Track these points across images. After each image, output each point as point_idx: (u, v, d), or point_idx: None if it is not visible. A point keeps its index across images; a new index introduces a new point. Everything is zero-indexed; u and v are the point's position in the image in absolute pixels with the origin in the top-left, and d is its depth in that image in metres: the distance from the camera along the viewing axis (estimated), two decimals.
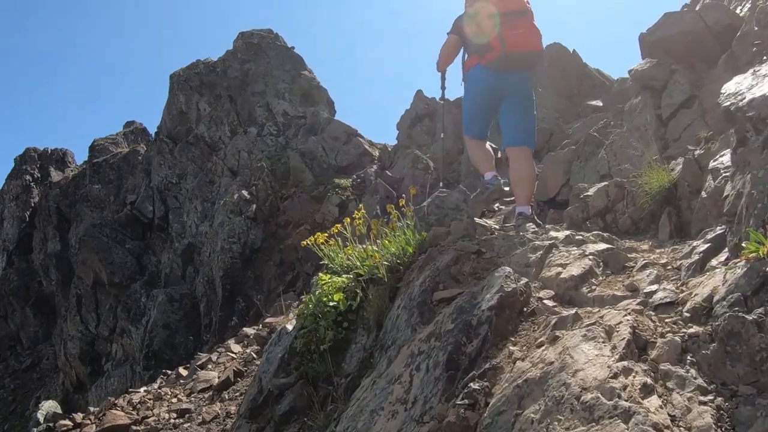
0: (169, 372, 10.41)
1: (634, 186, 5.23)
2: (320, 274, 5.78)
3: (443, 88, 6.62)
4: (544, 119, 16.50)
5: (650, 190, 4.87)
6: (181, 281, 24.51)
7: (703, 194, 4.10)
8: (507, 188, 6.82)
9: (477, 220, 6.23)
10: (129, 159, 35.44)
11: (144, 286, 26.15)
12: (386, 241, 5.26)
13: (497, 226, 6.50)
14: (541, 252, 4.14)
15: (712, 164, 4.14)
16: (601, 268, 3.81)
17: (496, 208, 8.20)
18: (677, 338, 2.37)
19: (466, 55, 5.89)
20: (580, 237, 4.36)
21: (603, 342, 2.45)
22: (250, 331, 10.88)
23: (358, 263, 5.36)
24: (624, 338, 2.41)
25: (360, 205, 6.04)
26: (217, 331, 21.13)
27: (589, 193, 6.00)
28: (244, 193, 21.43)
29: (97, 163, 36.88)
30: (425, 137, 20.00)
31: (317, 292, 5.43)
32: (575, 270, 3.70)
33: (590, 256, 3.87)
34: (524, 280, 3.54)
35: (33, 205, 43.17)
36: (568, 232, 4.57)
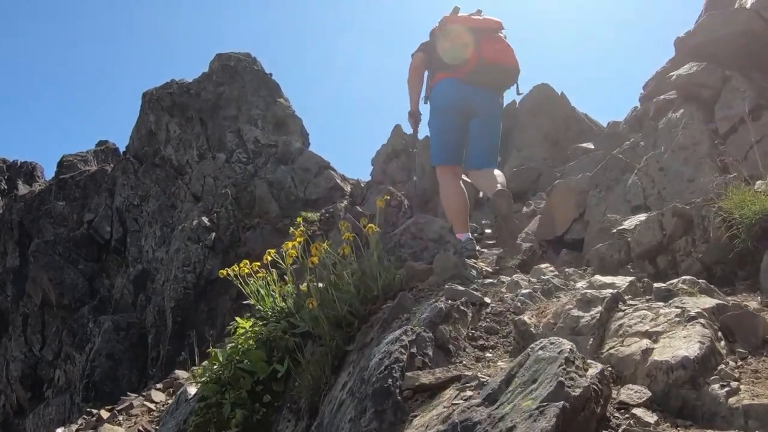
0: (93, 412, 8.57)
1: (708, 214, 3.44)
2: (238, 320, 3.93)
3: (415, 126, 6.39)
4: (531, 158, 14.90)
5: (742, 218, 3.08)
6: (131, 309, 22.31)
7: None
8: (488, 230, 6.94)
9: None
10: (96, 178, 33.29)
11: (93, 310, 23.86)
12: (334, 278, 3.42)
13: (490, 269, 4.77)
14: (600, 309, 2.32)
15: None
16: (723, 343, 2.00)
17: (478, 251, 6.53)
18: None
19: (432, 77, 5.51)
20: (664, 286, 2.53)
21: None
22: (183, 374, 8.94)
23: (291, 306, 3.49)
24: None
25: (299, 229, 4.23)
26: (164, 365, 18.94)
27: (626, 227, 4.25)
28: (204, 219, 19.47)
29: (63, 180, 34.66)
30: (401, 174, 18.26)
31: (229, 347, 3.54)
32: (684, 346, 1.87)
33: (700, 321, 2.04)
34: (596, 368, 1.71)
35: None
36: (631, 278, 2.75)
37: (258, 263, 4.55)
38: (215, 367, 3.37)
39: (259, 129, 23.51)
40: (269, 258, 4.15)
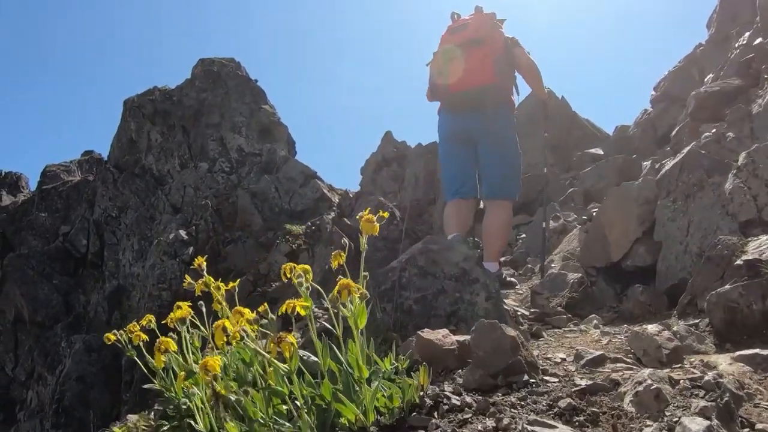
0: None
1: None
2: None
3: None
4: (536, 165, 13.12)
5: None
6: (106, 327, 20.29)
7: None
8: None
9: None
10: (79, 188, 31.31)
11: (66, 328, 21.84)
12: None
13: (526, 311, 2.91)
14: None
15: None
16: None
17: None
18: None
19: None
20: None
21: None
22: (133, 419, 7.02)
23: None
24: None
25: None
26: (138, 390, 17.01)
27: (759, 255, 2.48)
28: (182, 232, 17.55)
29: (45, 190, 32.68)
30: (392, 183, 16.44)
31: None
32: None
33: None
34: None
35: None
36: None
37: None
38: None
39: (243, 137, 21.61)
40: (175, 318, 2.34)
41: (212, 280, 2.40)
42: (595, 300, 4.14)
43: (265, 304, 2.38)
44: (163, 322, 2.82)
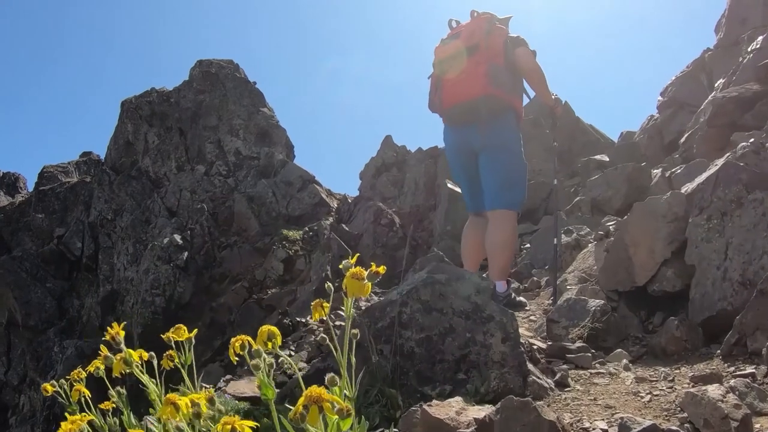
0: None
1: None
2: None
3: None
4: (540, 172, 12.65)
5: None
6: (98, 333, 19.77)
7: None
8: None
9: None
10: (77, 190, 30.81)
11: (59, 333, 21.31)
12: None
13: (542, 344, 2.33)
14: None
15: None
16: None
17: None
18: None
19: None
20: None
21: None
22: None
23: None
24: None
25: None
26: (130, 399, 16.50)
27: None
28: (176, 237, 17.02)
29: (43, 191, 32.17)
30: (392, 189, 15.92)
31: None
32: None
33: None
34: None
35: None
36: None
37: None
38: None
39: (240, 140, 21.10)
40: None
41: (136, 356, 1.82)
42: (618, 330, 3.65)
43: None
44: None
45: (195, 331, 2.28)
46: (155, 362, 2.15)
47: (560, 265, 5.32)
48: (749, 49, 10.23)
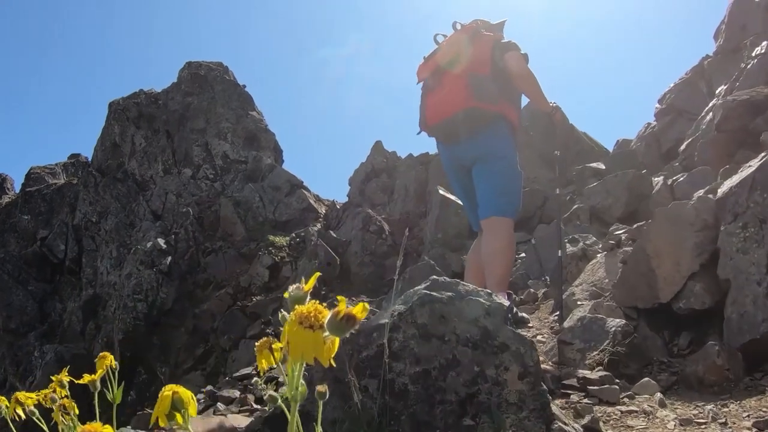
0: None
1: None
2: None
3: None
4: (535, 179, 12.18)
5: None
6: (79, 338, 19.14)
7: None
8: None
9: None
10: (63, 192, 30.15)
11: (40, 337, 20.62)
12: None
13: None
14: None
15: None
16: None
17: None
18: None
19: None
20: None
21: None
22: None
23: None
24: None
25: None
26: (116, 405, 15.85)
27: None
28: (160, 241, 16.43)
29: (29, 193, 31.51)
30: (381, 195, 15.41)
31: None
32: None
33: None
34: None
35: None
36: None
37: None
38: None
39: (228, 143, 20.54)
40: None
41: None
42: (641, 353, 3.13)
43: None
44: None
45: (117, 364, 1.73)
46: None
47: (566, 277, 4.82)
48: (753, 54, 9.85)
